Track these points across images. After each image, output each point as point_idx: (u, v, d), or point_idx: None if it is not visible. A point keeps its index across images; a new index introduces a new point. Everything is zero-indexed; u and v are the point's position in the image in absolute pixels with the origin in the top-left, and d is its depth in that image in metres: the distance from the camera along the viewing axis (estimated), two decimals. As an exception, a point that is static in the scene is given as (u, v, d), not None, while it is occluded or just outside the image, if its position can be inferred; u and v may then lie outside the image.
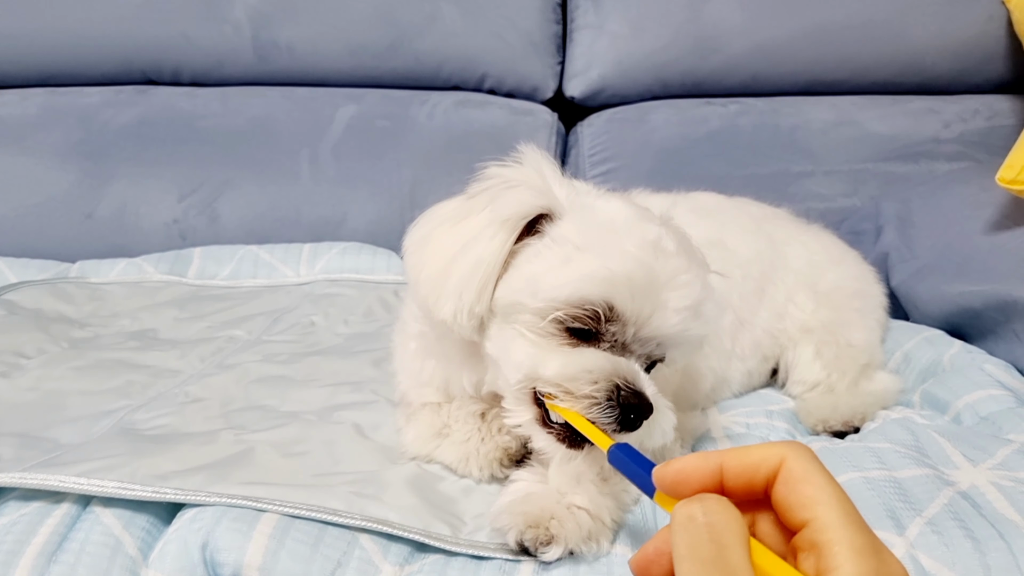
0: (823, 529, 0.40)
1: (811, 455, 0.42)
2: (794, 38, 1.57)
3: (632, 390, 0.65)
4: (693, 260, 0.70)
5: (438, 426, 0.81)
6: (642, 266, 0.66)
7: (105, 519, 0.68)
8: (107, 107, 1.69)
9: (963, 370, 0.95)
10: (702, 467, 0.44)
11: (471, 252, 0.69)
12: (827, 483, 0.41)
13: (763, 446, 0.44)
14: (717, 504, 0.41)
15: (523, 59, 1.66)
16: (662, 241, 0.68)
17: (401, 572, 0.65)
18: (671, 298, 0.67)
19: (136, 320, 1.25)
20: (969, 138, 1.52)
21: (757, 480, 0.43)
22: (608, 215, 0.70)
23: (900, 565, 0.39)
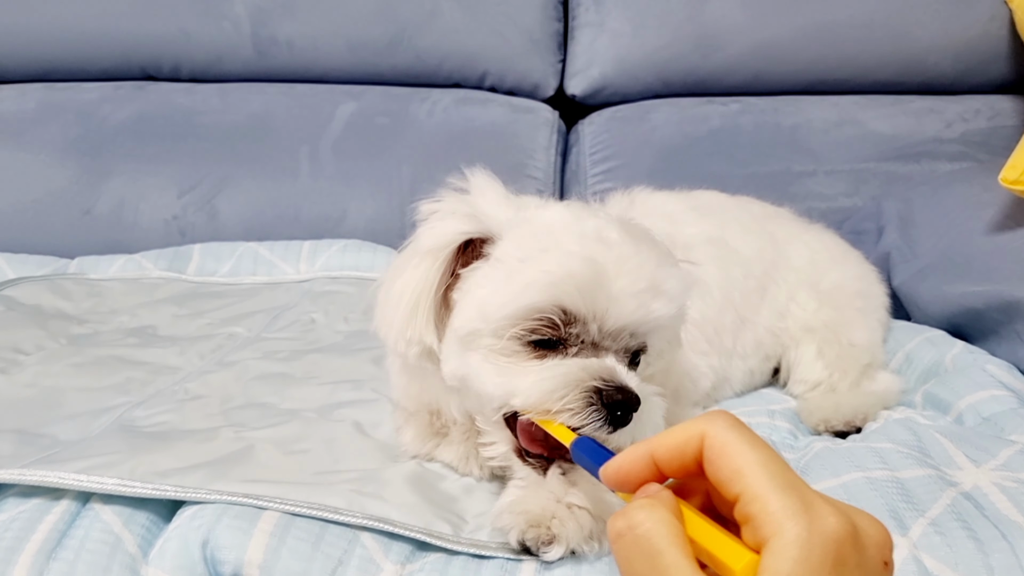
0: (751, 500, 0.39)
1: (730, 424, 0.41)
2: (796, 37, 1.57)
3: (613, 387, 0.63)
4: (642, 244, 0.68)
5: (437, 425, 0.81)
6: (583, 260, 0.65)
7: (105, 516, 0.68)
8: (105, 103, 1.68)
9: (965, 371, 0.95)
10: (637, 460, 0.44)
11: (397, 284, 0.71)
12: (748, 450, 0.40)
13: (685, 425, 0.43)
14: (642, 512, 0.40)
15: (524, 57, 1.66)
16: (603, 232, 0.68)
17: (402, 571, 0.64)
18: (622, 285, 0.65)
19: (135, 317, 1.24)
20: (971, 138, 1.52)
21: (688, 461, 0.42)
22: (547, 222, 0.69)
23: (834, 516, 0.38)
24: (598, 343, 0.67)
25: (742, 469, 0.39)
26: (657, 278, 0.67)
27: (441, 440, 0.80)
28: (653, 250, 0.69)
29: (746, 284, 1.01)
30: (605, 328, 0.66)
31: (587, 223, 0.69)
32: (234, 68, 1.69)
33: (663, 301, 0.67)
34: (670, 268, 0.69)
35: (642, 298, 0.66)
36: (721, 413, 0.42)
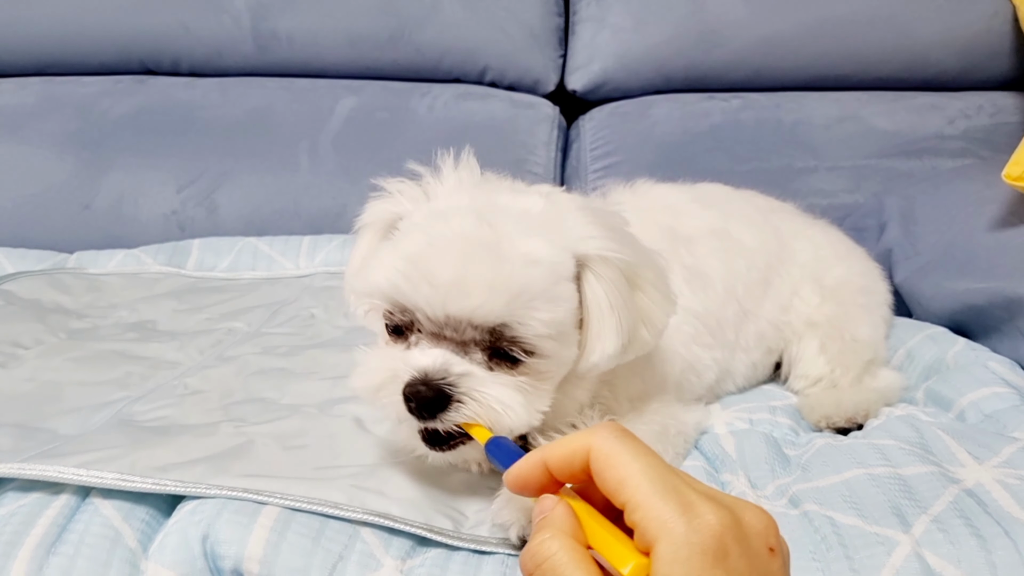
0: (635, 508, 0.40)
1: (616, 435, 0.43)
2: (798, 32, 1.57)
3: (418, 381, 0.63)
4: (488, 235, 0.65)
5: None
6: (414, 250, 0.65)
7: (104, 511, 0.68)
8: (105, 97, 1.68)
9: (967, 367, 0.94)
10: (533, 468, 0.45)
11: (352, 261, 0.79)
12: (631, 460, 0.41)
13: (572, 437, 0.44)
14: (542, 546, 0.42)
15: (525, 52, 1.65)
16: (455, 223, 0.66)
17: (403, 566, 0.64)
18: (445, 276, 0.63)
19: (134, 311, 1.24)
20: (973, 135, 1.52)
21: (577, 471, 0.44)
22: (433, 209, 0.70)
23: (712, 512, 0.39)
24: (439, 333, 0.66)
25: (625, 479, 0.41)
26: (489, 274, 0.63)
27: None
28: (501, 243, 0.65)
29: (749, 276, 1.00)
30: (435, 318, 0.65)
31: (457, 213, 0.67)
32: (234, 62, 1.69)
33: (494, 300, 0.63)
34: (518, 266, 0.64)
35: (459, 291, 0.63)
36: (607, 425, 0.44)
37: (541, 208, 0.71)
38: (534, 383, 0.68)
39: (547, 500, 0.45)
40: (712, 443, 0.83)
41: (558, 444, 0.45)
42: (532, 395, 0.67)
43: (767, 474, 0.77)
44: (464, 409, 0.64)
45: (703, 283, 0.94)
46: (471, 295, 0.63)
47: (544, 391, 0.69)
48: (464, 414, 0.64)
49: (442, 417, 0.64)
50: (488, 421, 0.64)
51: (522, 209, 0.70)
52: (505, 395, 0.65)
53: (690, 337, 0.91)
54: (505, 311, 0.64)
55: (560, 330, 0.67)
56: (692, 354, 0.91)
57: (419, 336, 0.67)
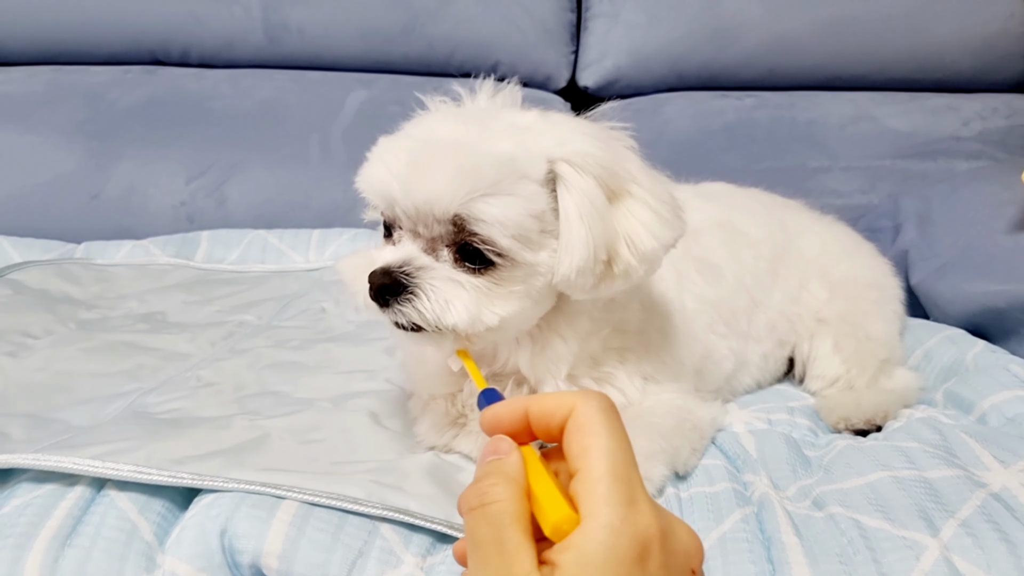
0: (585, 479, 0.41)
1: (602, 406, 0.43)
2: (812, 31, 1.56)
3: (379, 270, 0.67)
4: (457, 132, 0.68)
5: (454, 415, 0.80)
6: (393, 147, 0.69)
7: (120, 503, 0.67)
8: (114, 86, 1.66)
9: (988, 370, 0.93)
10: (513, 412, 0.45)
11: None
12: (604, 434, 0.42)
13: (563, 394, 0.45)
14: (493, 487, 0.42)
15: (537, 47, 1.64)
16: (437, 124, 0.70)
17: (423, 563, 0.63)
18: (408, 167, 0.67)
19: (144, 303, 1.23)
20: (988, 136, 1.51)
21: (553, 427, 0.44)
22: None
23: (649, 516, 0.40)
24: (414, 230, 0.69)
25: (590, 449, 0.41)
26: (454, 167, 0.65)
27: (459, 430, 0.79)
28: (469, 140, 0.67)
29: (757, 266, 1.00)
30: (407, 210, 0.68)
31: (445, 119, 0.72)
32: (244, 54, 1.68)
33: (457, 189, 0.65)
34: (484, 159, 0.66)
35: (412, 181, 0.67)
36: (598, 393, 0.44)
37: (532, 120, 0.72)
38: (494, 286, 0.69)
39: (504, 442, 0.45)
40: (732, 442, 0.82)
41: (545, 396, 0.45)
42: (488, 297, 0.69)
43: (788, 475, 0.76)
44: (416, 301, 0.67)
45: (714, 273, 0.94)
46: (428, 184, 0.66)
47: (505, 296, 0.69)
48: (414, 306, 0.67)
49: (395, 305, 0.67)
50: (432, 314, 0.67)
51: (512, 120, 0.72)
52: (453, 292, 0.67)
53: (707, 326, 0.91)
54: (459, 201, 0.65)
55: (521, 232, 0.67)
56: (710, 342, 0.91)
57: (400, 233, 0.71)
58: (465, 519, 0.43)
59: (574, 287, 0.70)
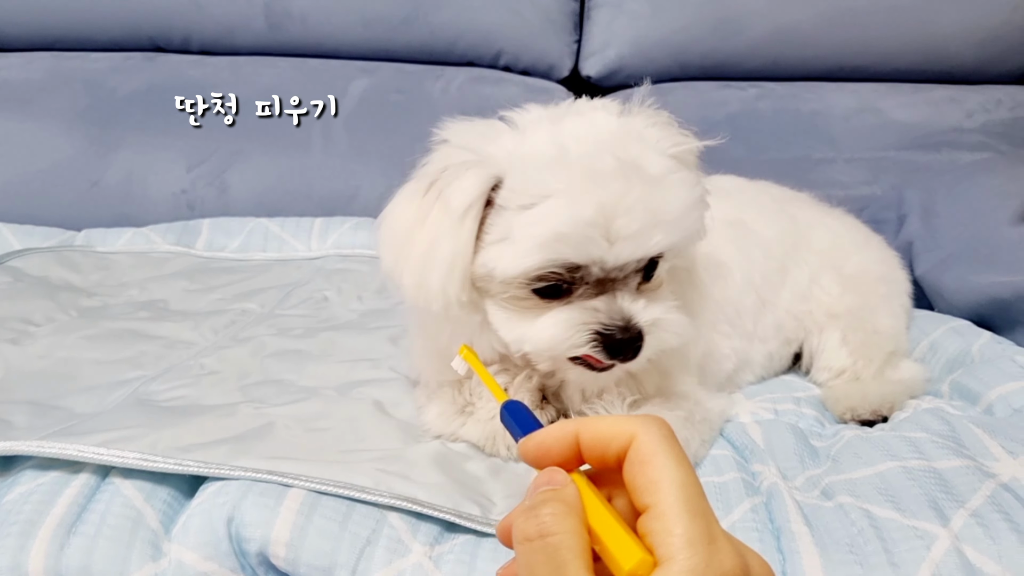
0: (659, 516, 0.38)
1: (663, 433, 0.40)
2: (816, 22, 1.54)
3: (616, 327, 0.67)
4: (635, 171, 0.66)
5: (461, 403, 0.79)
6: (576, 212, 0.65)
7: (126, 491, 0.66)
8: (115, 73, 1.65)
9: (994, 361, 0.93)
10: (560, 439, 0.42)
11: (440, 251, 0.69)
12: (673, 465, 0.39)
13: (617, 419, 0.42)
14: (551, 518, 0.39)
15: (540, 36, 1.63)
16: (595, 164, 0.66)
17: (431, 552, 0.63)
18: (618, 227, 0.65)
19: (145, 290, 1.22)
20: (992, 128, 1.50)
21: (609, 455, 0.41)
22: (540, 154, 0.68)
23: (732, 556, 0.37)
24: (604, 278, 0.69)
25: (660, 483, 0.39)
26: (655, 208, 0.66)
27: (467, 419, 0.78)
28: (648, 174, 0.67)
29: (767, 265, 0.99)
30: (607, 268, 0.67)
31: (579, 150, 0.67)
32: (246, 41, 1.66)
33: (664, 231, 0.67)
34: (670, 190, 0.67)
35: (640, 238, 0.66)
36: (657, 419, 0.41)
37: (617, 120, 0.73)
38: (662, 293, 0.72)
39: (558, 474, 0.42)
40: (739, 432, 0.81)
41: (598, 421, 0.42)
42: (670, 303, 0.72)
43: (796, 465, 0.76)
44: (650, 340, 0.69)
45: (721, 272, 0.94)
46: (653, 239, 0.67)
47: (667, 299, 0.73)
48: (651, 345, 0.69)
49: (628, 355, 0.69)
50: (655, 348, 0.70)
51: (615, 128, 0.71)
52: (674, 321, 0.71)
53: (710, 324, 0.91)
54: (676, 238, 0.69)
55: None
56: (712, 341, 0.91)
57: (583, 288, 0.69)
58: (518, 550, 0.40)
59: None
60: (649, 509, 0.38)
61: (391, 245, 0.73)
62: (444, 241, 0.69)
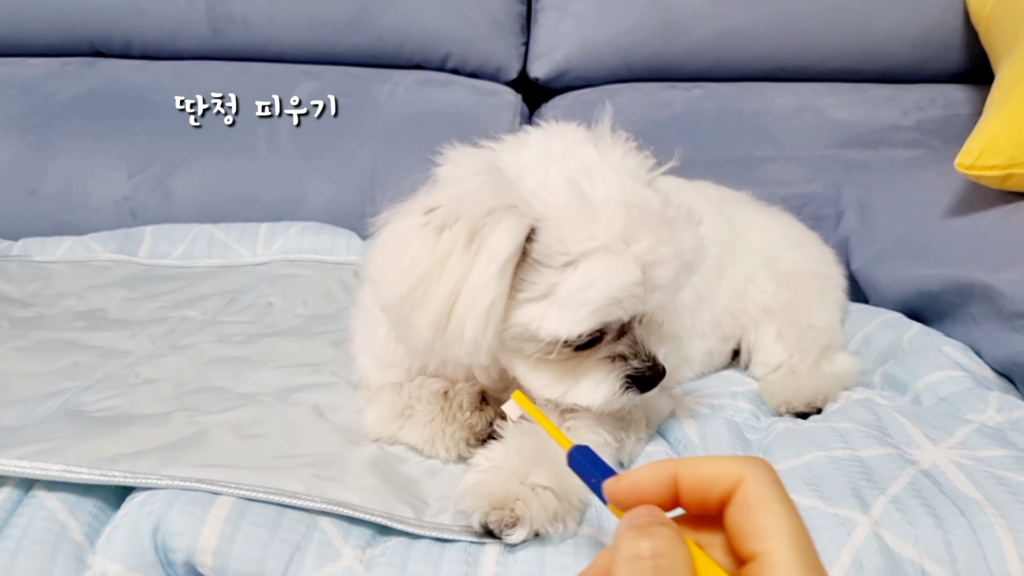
0: (771, 566, 0.37)
1: (772, 477, 0.39)
2: (758, 24, 1.57)
3: (645, 368, 0.71)
4: (654, 220, 0.67)
5: (400, 407, 0.79)
6: (626, 280, 0.65)
7: (49, 504, 0.65)
8: (52, 79, 1.62)
9: (922, 352, 0.96)
10: (656, 480, 0.41)
11: (479, 302, 0.65)
12: (784, 512, 0.38)
13: (721, 460, 0.40)
14: (665, 541, 0.38)
15: (487, 39, 1.63)
16: (621, 214, 0.66)
17: (362, 555, 0.63)
18: (658, 277, 0.67)
19: (83, 300, 1.20)
20: (926, 126, 1.54)
21: (711, 498, 0.40)
22: (562, 199, 0.67)
23: None
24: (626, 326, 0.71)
25: (772, 530, 0.37)
26: (680, 252, 0.69)
27: (406, 422, 0.78)
28: (658, 215, 0.68)
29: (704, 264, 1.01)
30: (638, 313, 0.70)
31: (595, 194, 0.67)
32: (188, 45, 1.64)
33: (688, 272, 0.71)
34: (683, 228, 0.70)
35: (673, 284, 0.69)
36: (763, 462, 0.40)
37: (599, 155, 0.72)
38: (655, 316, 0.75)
39: (658, 510, 0.40)
40: (675, 427, 0.82)
41: (700, 462, 0.40)
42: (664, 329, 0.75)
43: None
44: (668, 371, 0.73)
45: None
46: (683, 280, 0.71)
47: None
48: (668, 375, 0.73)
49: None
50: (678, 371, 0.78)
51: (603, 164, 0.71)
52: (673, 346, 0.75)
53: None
54: (695, 272, 0.73)
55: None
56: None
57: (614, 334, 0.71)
58: (623, 568, 0.38)
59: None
60: (758, 557, 0.37)
61: (396, 280, 0.67)
62: (484, 292, 0.64)
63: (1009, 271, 0.94)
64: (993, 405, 0.84)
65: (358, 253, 1.36)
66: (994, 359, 0.93)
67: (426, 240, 0.66)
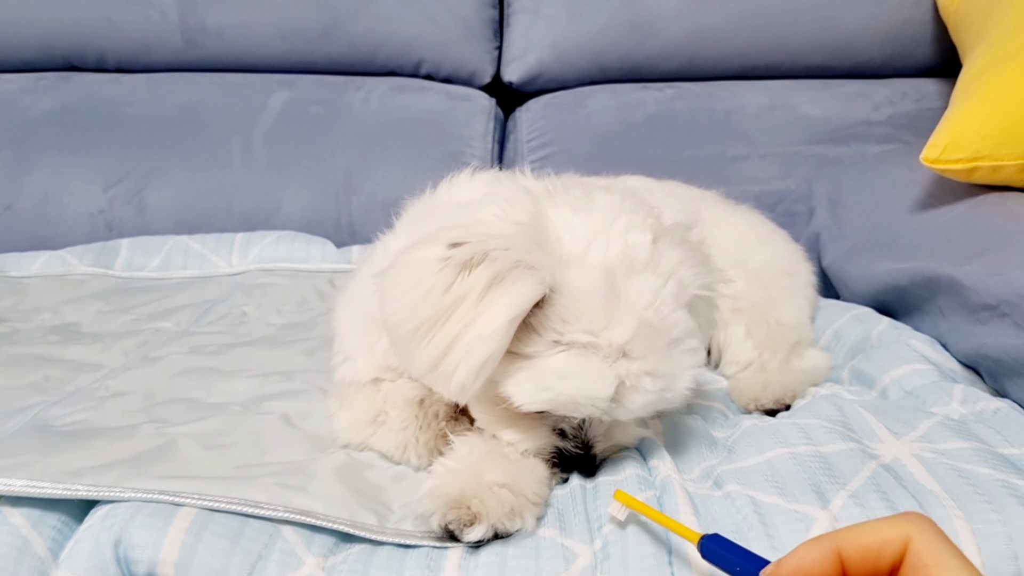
0: None
1: (937, 531, 0.39)
2: (729, 23, 1.58)
3: (575, 453, 0.71)
4: (657, 346, 0.66)
5: (373, 412, 0.79)
6: (596, 395, 0.65)
7: (12, 519, 0.65)
8: (27, 94, 1.62)
9: (890, 346, 0.96)
10: (820, 561, 0.39)
11: (477, 353, 0.63)
12: (961, 566, 0.37)
13: (882, 525, 0.39)
14: None
15: (460, 44, 1.64)
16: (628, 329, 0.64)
17: (324, 563, 0.63)
18: (627, 400, 0.66)
19: (58, 314, 1.20)
20: (898, 120, 1.55)
21: (882, 565, 0.38)
22: (586, 285, 0.65)
23: None
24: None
25: None
26: (662, 386, 0.67)
27: (378, 428, 0.78)
28: (667, 339, 0.67)
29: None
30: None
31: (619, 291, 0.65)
32: (162, 58, 1.65)
33: (662, 401, 0.68)
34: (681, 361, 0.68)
35: (641, 409, 0.68)
36: (923, 516, 0.39)
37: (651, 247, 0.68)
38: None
39: None
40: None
41: (860, 530, 0.39)
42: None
43: (694, 457, 0.77)
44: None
45: None
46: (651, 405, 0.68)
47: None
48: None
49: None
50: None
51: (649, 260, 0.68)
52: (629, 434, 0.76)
53: None
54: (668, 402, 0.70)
55: None
56: None
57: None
58: None
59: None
60: None
61: (407, 308, 0.66)
62: (484, 345, 0.63)
63: (974, 264, 0.94)
64: (957, 398, 0.84)
65: (333, 261, 1.36)
66: (960, 351, 0.94)
67: (444, 275, 0.64)
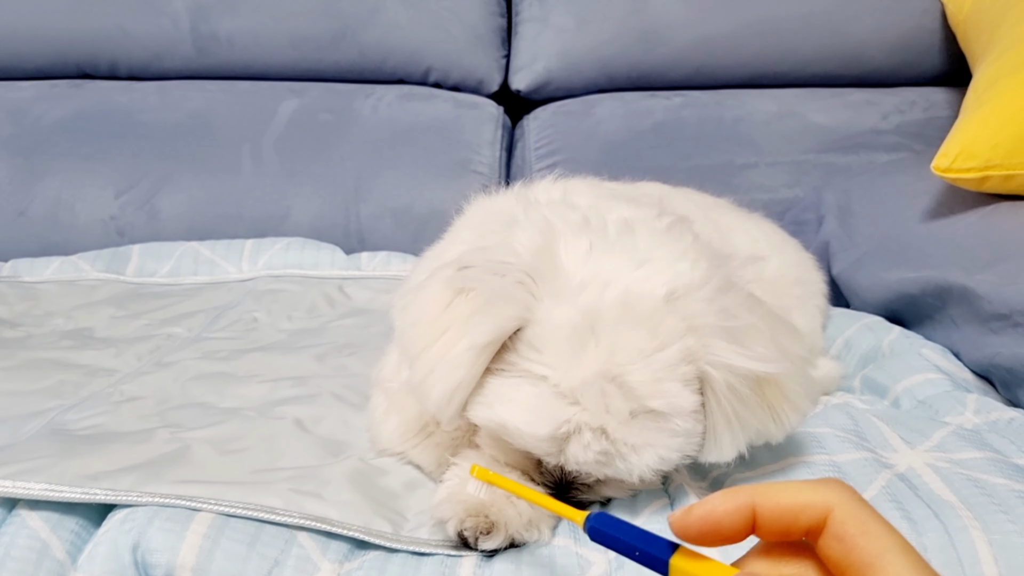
0: None
1: (860, 499, 0.38)
2: (737, 31, 1.59)
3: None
4: (626, 421, 0.61)
5: (424, 421, 0.76)
6: (532, 433, 0.62)
7: (32, 522, 0.65)
8: (40, 101, 1.63)
9: (901, 355, 0.97)
10: (733, 512, 0.38)
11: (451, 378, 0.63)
12: (888, 533, 0.37)
13: (802, 488, 0.38)
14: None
15: (468, 52, 1.65)
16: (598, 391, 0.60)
17: (340, 569, 0.63)
18: (568, 448, 0.62)
19: (71, 319, 1.20)
20: (907, 129, 1.56)
21: (796, 528, 0.38)
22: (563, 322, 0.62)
23: None
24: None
25: (885, 555, 0.36)
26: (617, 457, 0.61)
27: (422, 440, 0.76)
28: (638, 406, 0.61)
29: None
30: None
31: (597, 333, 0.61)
32: (173, 66, 1.66)
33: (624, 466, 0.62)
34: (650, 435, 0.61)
35: (592, 466, 0.62)
36: (845, 484, 0.38)
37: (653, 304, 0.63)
38: None
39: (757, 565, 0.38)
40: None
41: (780, 490, 0.38)
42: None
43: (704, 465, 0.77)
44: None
45: None
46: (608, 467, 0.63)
47: None
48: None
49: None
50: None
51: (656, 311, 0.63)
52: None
53: None
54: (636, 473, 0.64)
55: None
56: None
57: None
58: None
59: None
60: None
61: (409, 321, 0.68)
62: (455, 370, 0.63)
63: (987, 273, 0.95)
64: (971, 407, 0.85)
65: (342, 267, 1.37)
66: (973, 361, 0.94)
67: (441, 297, 0.65)
